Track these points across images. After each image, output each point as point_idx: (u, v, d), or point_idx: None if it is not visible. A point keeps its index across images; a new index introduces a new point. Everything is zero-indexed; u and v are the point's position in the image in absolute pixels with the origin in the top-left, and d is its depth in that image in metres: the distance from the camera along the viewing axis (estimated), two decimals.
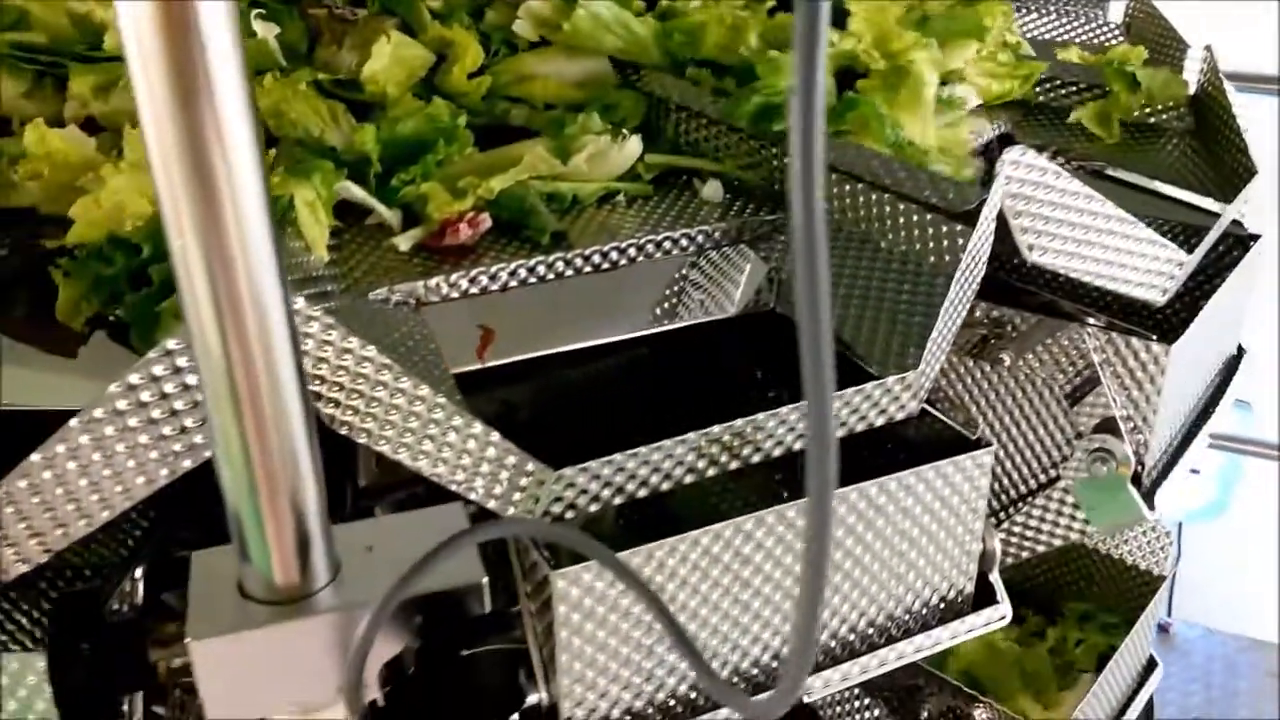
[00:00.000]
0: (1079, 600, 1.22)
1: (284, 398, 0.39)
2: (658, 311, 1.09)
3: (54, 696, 0.40)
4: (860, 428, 0.66)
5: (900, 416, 0.67)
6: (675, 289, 1.09)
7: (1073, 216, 0.77)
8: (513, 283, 0.75)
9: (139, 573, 0.54)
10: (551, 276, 0.77)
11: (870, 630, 0.70)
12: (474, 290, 0.74)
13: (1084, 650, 1.20)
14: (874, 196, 0.79)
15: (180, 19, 0.33)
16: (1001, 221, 0.77)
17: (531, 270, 0.76)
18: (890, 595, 0.70)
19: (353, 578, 0.43)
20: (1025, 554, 0.93)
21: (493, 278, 0.74)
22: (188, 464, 0.54)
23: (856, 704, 1.10)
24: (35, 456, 0.50)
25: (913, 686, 1.07)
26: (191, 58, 0.34)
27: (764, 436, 0.63)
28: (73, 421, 0.50)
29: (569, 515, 0.59)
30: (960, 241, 0.73)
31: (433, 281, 0.72)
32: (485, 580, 0.43)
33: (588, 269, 0.78)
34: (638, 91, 0.92)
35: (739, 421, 0.61)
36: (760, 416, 0.62)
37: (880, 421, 0.67)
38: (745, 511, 0.63)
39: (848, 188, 0.81)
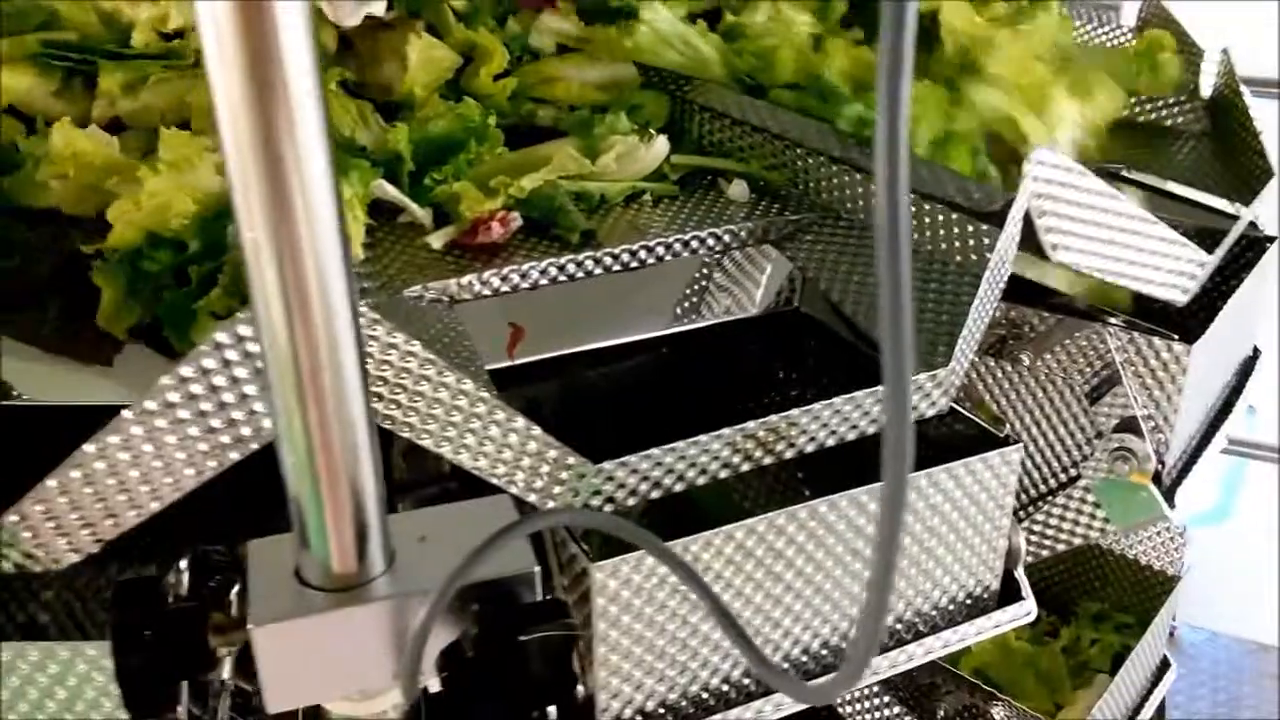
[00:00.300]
0: (1093, 600, 1.23)
1: (347, 388, 0.40)
2: (678, 311, 1.10)
3: (118, 681, 0.40)
4: None
5: (931, 413, 0.68)
6: (696, 288, 1.10)
7: (1096, 216, 0.78)
8: (544, 280, 0.76)
9: (184, 564, 0.54)
10: (581, 275, 0.77)
11: (899, 626, 0.71)
12: (505, 288, 0.75)
13: (1098, 650, 1.21)
14: None
15: (257, 14, 0.34)
16: (1025, 221, 0.78)
17: (562, 268, 0.76)
18: (919, 591, 0.70)
19: (407, 566, 0.44)
20: (1045, 552, 0.94)
21: (524, 275, 0.75)
22: (235, 456, 0.54)
23: (876, 701, 1.11)
24: (89, 447, 0.51)
25: (930, 685, 1.08)
26: (267, 52, 0.35)
27: (798, 432, 0.64)
28: (125, 412, 0.51)
29: (606, 509, 0.59)
30: (987, 241, 0.74)
31: (465, 279, 0.73)
32: (538, 569, 0.43)
33: (617, 267, 0.79)
34: (661, 92, 0.93)
35: (774, 417, 0.62)
36: (795, 412, 0.63)
37: (911, 417, 0.67)
38: (771, 507, 0.64)
39: (873, 188, 0.82)
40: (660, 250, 0.80)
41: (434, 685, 0.46)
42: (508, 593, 0.43)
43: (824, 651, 0.69)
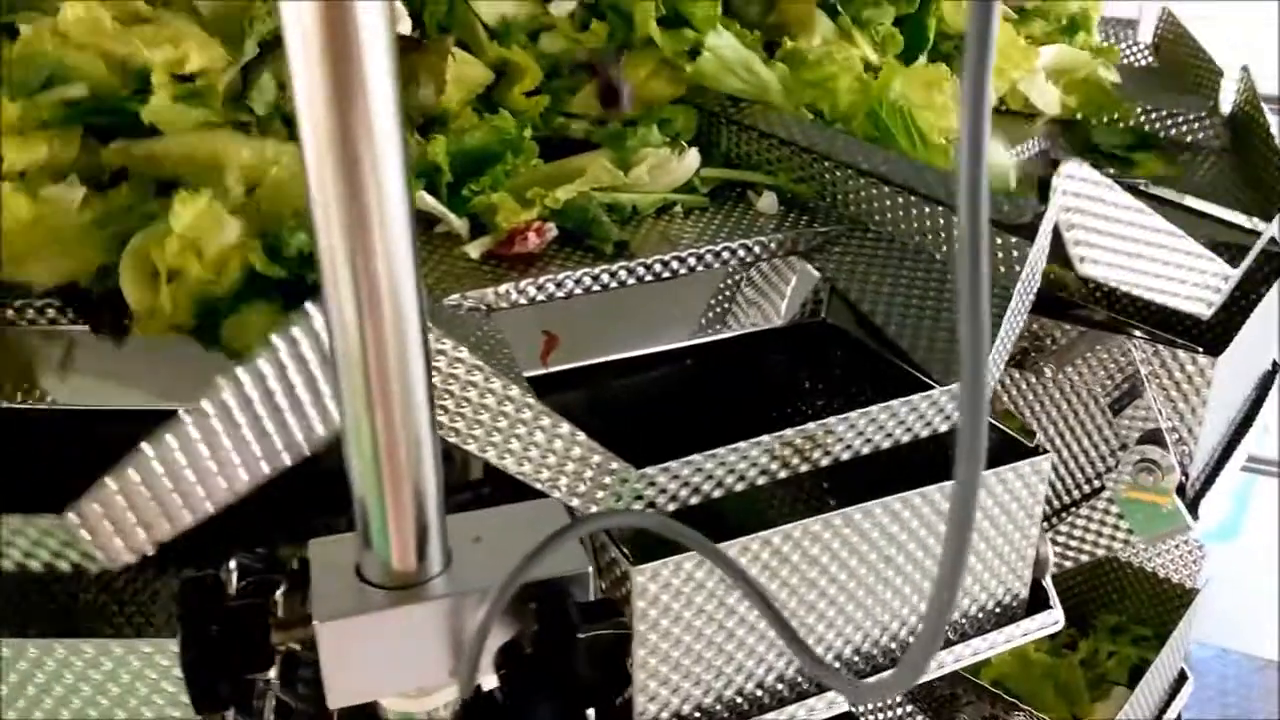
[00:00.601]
0: (1111, 613, 1.23)
1: (413, 392, 0.41)
2: (702, 321, 1.11)
3: (185, 676, 0.41)
4: (925, 434, 0.68)
5: None
6: (722, 300, 1.12)
7: (1123, 230, 0.79)
8: (578, 290, 0.77)
9: (232, 564, 0.55)
10: (615, 284, 0.79)
11: None
12: (541, 297, 0.76)
13: (1116, 662, 1.21)
14: (928, 209, 0.81)
15: (341, 22, 0.35)
16: (1054, 234, 0.79)
17: (596, 278, 0.78)
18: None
19: (463, 566, 0.45)
20: (1068, 563, 0.95)
21: (559, 285, 0.76)
22: (286, 460, 0.56)
23: (898, 711, 1.11)
24: (147, 448, 0.52)
25: (951, 695, 1.08)
26: (348, 54, 0.36)
27: (834, 440, 0.65)
28: (183, 414, 0.52)
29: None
30: (1017, 253, 0.75)
31: (503, 288, 0.74)
32: (590, 569, 0.44)
33: (649, 277, 0.80)
34: (691, 106, 0.95)
35: (811, 425, 0.63)
36: (832, 420, 0.64)
37: (944, 428, 0.69)
38: (796, 515, 0.65)
39: (900, 200, 0.83)
40: (691, 261, 0.81)
41: (486, 683, 0.47)
42: (561, 592, 0.44)
43: (855, 657, 0.70)
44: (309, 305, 0.55)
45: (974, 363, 0.29)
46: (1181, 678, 1.22)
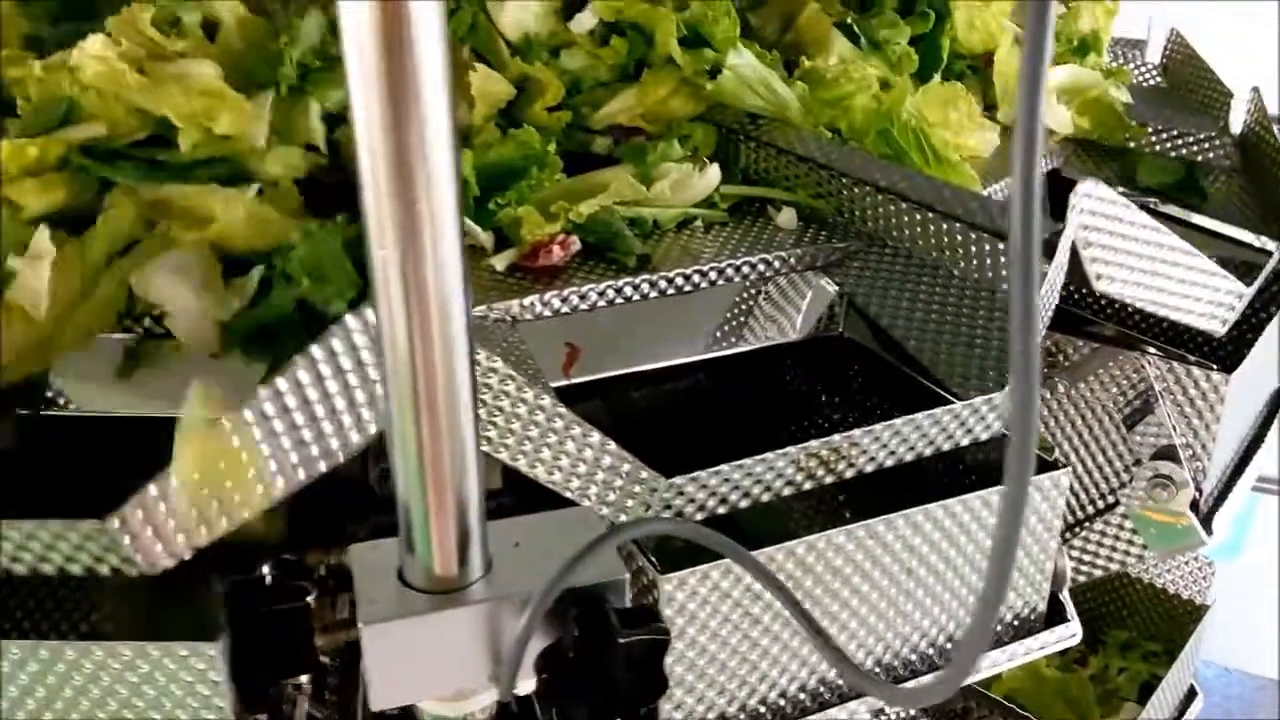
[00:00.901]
0: (1121, 628, 1.23)
1: (459, 401, 0.42)
2: (716, 334, 1.12)
3: (233, 678, 0.42)
4: (947, 446, 0.69)
5: (985, 437, 0.70)
6: (738, 313, 1.13)
7: (1139, 248, 0.80)
8: (601, 302, 0.78)
9: (265, 569, 0.56)
10: (637, 297, 0.80)
11: (948, 645, 0.72)
12: (565, 309, 0.77)
13: (1126, 678, 1.22)
14: (945, 225, 0.82)
15: (398, 41, 0.36)
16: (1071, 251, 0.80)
17: (619, 291, 0.79)
18: (969, 611, 0.72)
19: (502, 571, 0.46)
20: (1081, 578, 0.96)
21: (583, 297, 0.77)
22: (322, 467, 0.56)
23: None
24: None
25: (964, 709, 1.09)
26: (404, 70, 0.37)
27: (858, 453, 0.66)
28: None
29: None
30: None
31: (528, 300, 0.75)
32: (626, 576, 0.45)
33: (671, 290, 0.81)
34: (710, 124, 0.96)
35: (837, 437, 0.64)
36: (857, 433, 0.65)
37: (965, 441, 0.69)
38: (816, 527, 0.66)
39: (918, 216, 0.84)
40: (713, 274, 0.82)
41: (521, 688, 0.47)
42: (601, 598, 0.45)
43: (876, 668, 0.70)
44: (348, 317, 0.56)
45: (1025, 369, 0.30)
46: (1191, 694, 1.22)
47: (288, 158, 0.78)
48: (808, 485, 0.65)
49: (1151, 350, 0.91)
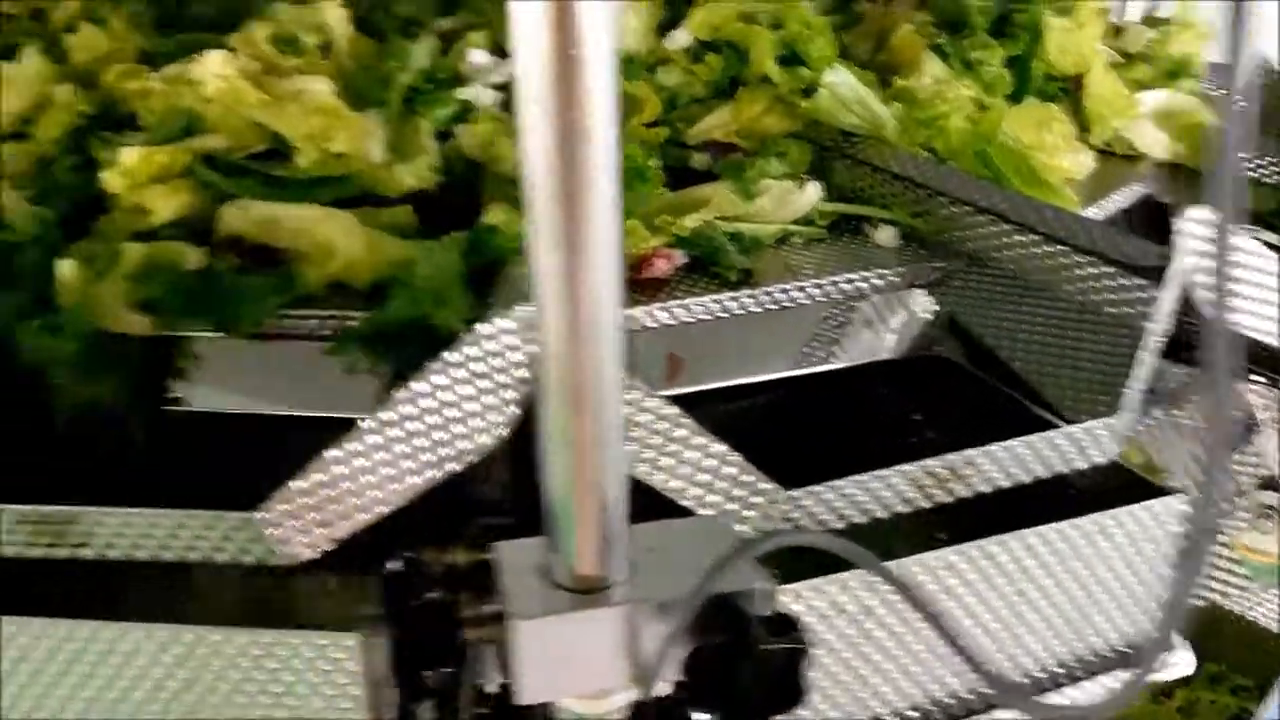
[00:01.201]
0: (1210, 661, 1.20)
1: (608, 405, 0.43)
2: (805, 350, 1.13)
3: (394, 667, 0.43)
4: (1062, 469, 0.68)
5: (1100, 460, 0.69)
6: (829, 330, 1.13)
7: (1245, 274, 0.79)
8: (705, 315, 0.79)
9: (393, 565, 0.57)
10: (740, 311, 0.80)
11: (1059, 669, 0.71)
12: (670, 321, 0.78)
13: (1214, 711, 1.19)
14: (1048, 248, 0.82)
15: (569, 69, 0.38)
16: None
17: (722, 305, 0.79)
18: (1080, 636, 0.71)
19: (642, 575, 0.46)
20: None
21: (688, 310, 0.78)
22: (454, 467, 0.57)
23: None
24: (331, 453, 0.54)
25: None
26: (577, 100, 0.38)
27: (973, 472, 0.65)
28: (365, 423, 0.54)
29: None
30: (1142, 295, 0.76)
31: (634, 312, 0.76)
32: (771, 585, 0.45)
33: (773, 306, 0.81)
34: (804, 141, 0.97)
35: (953, 456, 0.64)
36: (972, 452, 0.65)
37: (1081, 465, 0.69)
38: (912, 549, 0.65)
39: (1020, 238, 0.84)
40: (814, 291, 0.82)
41: (659, 690, 0.48)
42: (742, 605, 0.45)
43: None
44: (478, 325, 0.57)
45: (1220, 379, 0.30)
46: None
47: (418, 170, 0.80)
48: (923, 504, 0.65)
49: (1255, 378, 0.89)
